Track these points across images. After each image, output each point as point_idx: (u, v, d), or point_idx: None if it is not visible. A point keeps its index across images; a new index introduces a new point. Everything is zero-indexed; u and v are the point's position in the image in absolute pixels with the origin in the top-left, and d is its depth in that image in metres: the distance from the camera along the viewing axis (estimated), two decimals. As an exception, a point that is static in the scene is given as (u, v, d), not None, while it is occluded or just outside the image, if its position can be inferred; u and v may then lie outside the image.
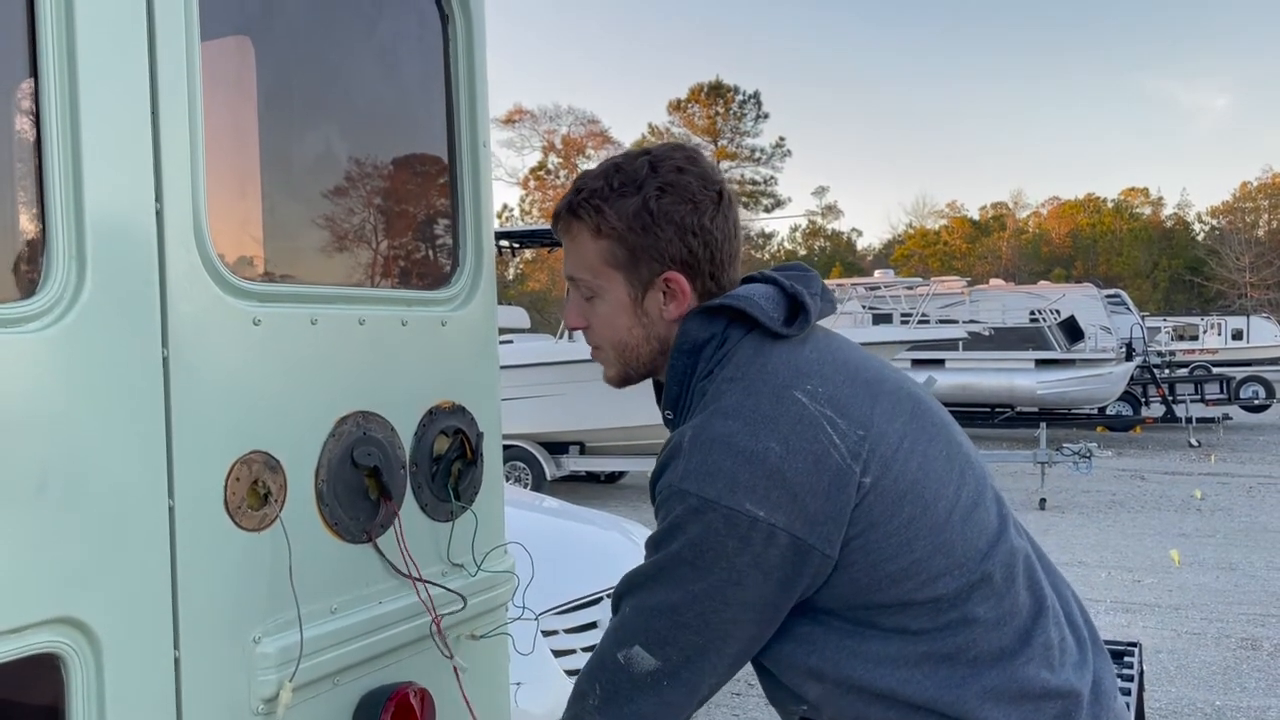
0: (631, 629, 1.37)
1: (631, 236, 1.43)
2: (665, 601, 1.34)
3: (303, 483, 1.52)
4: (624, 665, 1.36)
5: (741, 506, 1.30)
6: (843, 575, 1.33)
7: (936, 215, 66.23)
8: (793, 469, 1.31)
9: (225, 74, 1.63)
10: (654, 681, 1.36)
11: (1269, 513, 10.57)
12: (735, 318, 1.43)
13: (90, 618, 1.23)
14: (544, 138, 51.06)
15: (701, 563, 1.31)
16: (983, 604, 1.36)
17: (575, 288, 1.52)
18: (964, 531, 1.37)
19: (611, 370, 1.56)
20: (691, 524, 1.31)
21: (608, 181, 1.45)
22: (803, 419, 1.33)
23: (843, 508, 1.31)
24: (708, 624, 1.33)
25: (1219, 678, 5.61)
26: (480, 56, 1.92)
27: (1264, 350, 29.53)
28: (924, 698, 1.33)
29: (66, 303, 1.22)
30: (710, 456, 1.32)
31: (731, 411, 1.35)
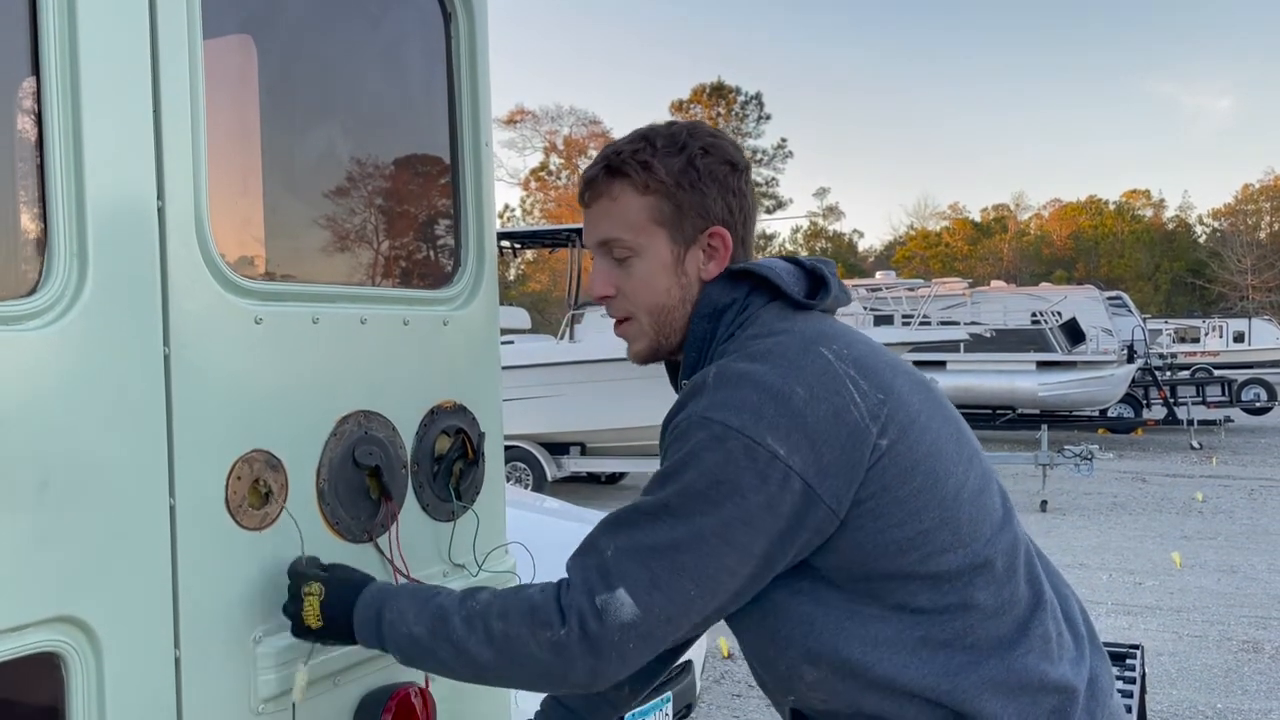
0: (617, 571, 1.29)
1: (679, 192, 1.45)
2: (666, 539, 1.28)
3: (304, 482, 1.51)
4: (599, 611, 1.28)
5: (764, 440, 1.27)
6: (849, 539, 1.32)
7: (938, 217, 66.29)
8: (814, 415, 1.30)
9: (227, 72, 1.63)
10: (622, 638, 1.28)
11: (1270, 515, 10.55)
12: (758, 285, 1.45)
13: (90, 617, 1.23)
14: (545, 138, 51.09)
15: (715, 495, 1.27)
16: (984, 589, 1.36)
17: (606, 252, 1.50)
18: (970, 512, 1.37)
19: (641, 342, 1.52)
20: (710, 451, 1.28)
21: (649, 142, 1.47)
22: (827, 372, 1.34)
23: (856, 465, 1.30)
24: (705, 569, 1.28)
25: (1220, 680, 5.60)
26: (483, 55, 1.92)
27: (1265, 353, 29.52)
28: (921, 685, 1.32)
29: (68, 301, 1.22)
30: (737, 390, 1.31)
31: (758, 355, 1.36)
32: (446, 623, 1.35)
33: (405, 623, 1.37)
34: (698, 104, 50.66)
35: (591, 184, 1.50)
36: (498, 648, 1.32)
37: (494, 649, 1.33)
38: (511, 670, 1.33)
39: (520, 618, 1.32)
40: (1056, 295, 19.65)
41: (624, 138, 1.51)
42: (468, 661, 1.34)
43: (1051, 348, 17.89)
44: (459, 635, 1.34)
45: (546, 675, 1.32)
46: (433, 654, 1.36)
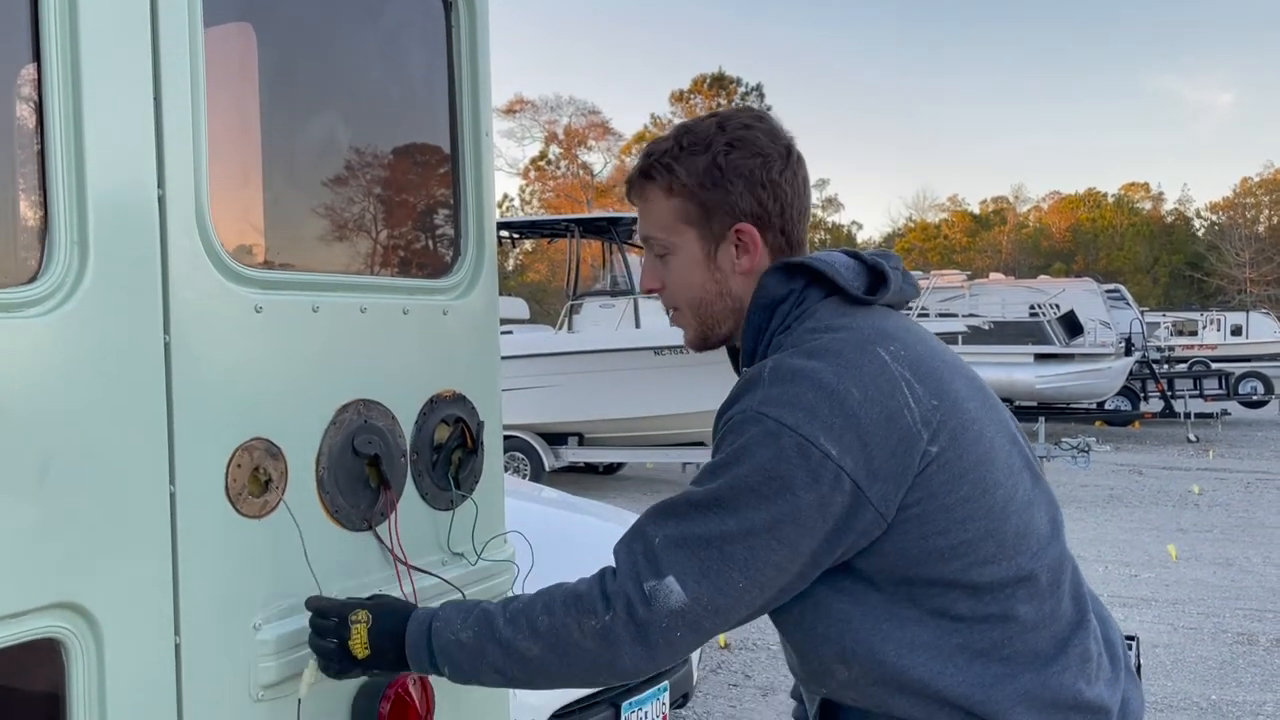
0: (667, 559, 1.30)
1: (702, 192, 1.46)
2: (716, 531, 1.29)
3: (304, 470, 1.52)
4: (647, 597, 1.29)
5: (817, 439, 1.28)
6: (893, 543, 1.31)
7: (937, 209, 66.24)
8: (868, 417, 1.30)
9: (228, 61, 1.63)
10: (670, 625, 1.29)
11: (1266, 508, 10.58)
12: (815, 279, 1.44)
13: (91, 603, 1.24)
14: (545, 128, 50.90)
15: (767, 490, 1.28)
16: (1025, 603, 1.35)
17: (650, 249, 1.54)
18: (1017, 524, 1.37)
19: (690, 333, 1.56)
20: (764, 448, 1.29)
21: (677, 142, 1.48)
22: (883, 374, 1.33)
23: (905, 470, 1.30)
24: (754, 563, 1.29)
25: (1215, 672, 5.63)
26: (483, 44, 1.92)
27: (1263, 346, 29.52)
28: (956, 693, 1.31)
29: (68, 288, 1.22)
30: (792, 387, 1.31)
31: (815, 352, 1.36)
32: (491, 624, 1.36)
33: (452, 630, 1.38)
34: (698, 94, 50.57)
35: (630, 185, 1.55)
36: (545, 641, 1.33)
37: (541, 643, 1.33)
38: (560, 664, 1.33)
39: (565, 608, 1.33)
40: (1055, 288, 19.67)
41: (665, 134, 1.54)
42: (516, 660, 1.35)
43: (1049, 340, 17.91)
44: (505, 634, 1.35)
45: (594, 665, 1.33)
46: (482, 657, 1.37)
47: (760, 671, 5.64)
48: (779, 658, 5.79)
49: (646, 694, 3.81)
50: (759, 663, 5.77)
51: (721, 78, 50.67)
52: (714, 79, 50.69)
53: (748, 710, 5.09)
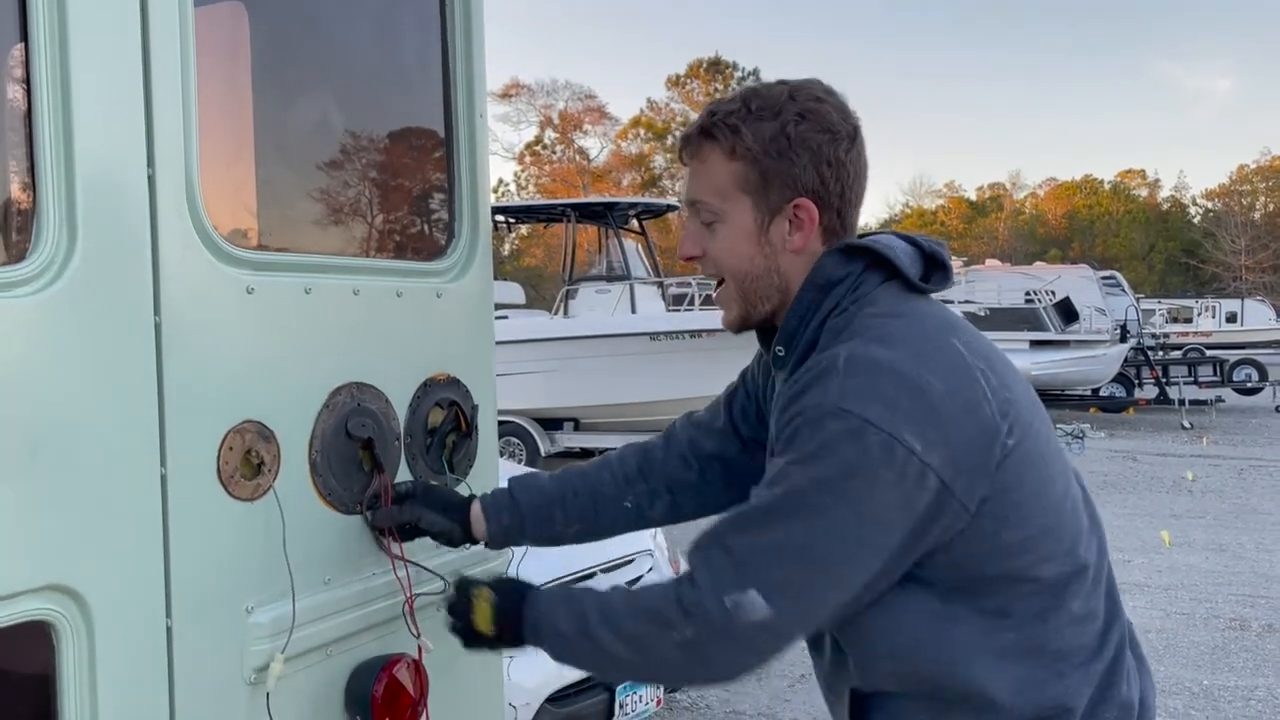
0: (749, 572, 1.24)
1: (766, 160, 1.38)
2: (801, 538, 1.24)
3: (297, 453, 1.51)
4: (729, 613, 1.24)
5: (901, 435, 1.22)
6: (965, 537, 1.28)
7: (934, 195, 66.15)
8: (950, 410, 1.25)
9: (218, 40, 1.62)
10: (754, 636, 1.26)
11: (1259, 495, 10.62)
12: (875, 263, 1.39)
13: (81, 585, 1.23)
14: (540, 112, 50.70)
15: (851, 491, 1.23)
16: (1076, 598, 1.34)
17: (695, 214, 1.46)
18: (1070, 519, 1.36)
19: (732, 310, 1.47)
20: (847, 445, 1.23)
21: (745, 104, 1.40)
22: (960, 365, 1.30)
23: (987, 463, 1.27)
24: (839, 568, 1.25)
25: (1207, 657, 5.65)
26: (478, 27, 1.90)
27: (1258, 333, 29.61)
28: (1001, 689, 1.30)
29: (57, 268, 1.21)
30: (873, 379, 1.25)
31: (889, 339, 1.30)
32: (586, 621, 1.36)
33: (555, 621, 1.39)
34: (695, 79, 50.41)
35: (686, 143, 1.46)
36: (632, 647, 1.33)
37: (629, 648, 1.33)
38: (648, 668, 1.35)
39: (648, 618, 1.32)
40: (1051, 274, 19.68)
41: (729, 96, 1.45)
42: (609, 659, 1.36)
43: (1045, 327, 17.93)
44: (597, 634, 1.35)
45: (681, 673, 1.34)
46: (577, 651, 1.39)
47: (755, 656, 5.66)
48: (773, 642, 5.80)
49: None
50: (753, 647, 5.79)
51: (718, 62, 50.49)
52: (710, 63, 50.52)
53: (742, 694, 5.11)
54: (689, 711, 4.91)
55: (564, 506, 1.66)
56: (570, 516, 1.67)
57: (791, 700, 5.01)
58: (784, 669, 5.39)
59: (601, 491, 1.68)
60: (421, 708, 1.64)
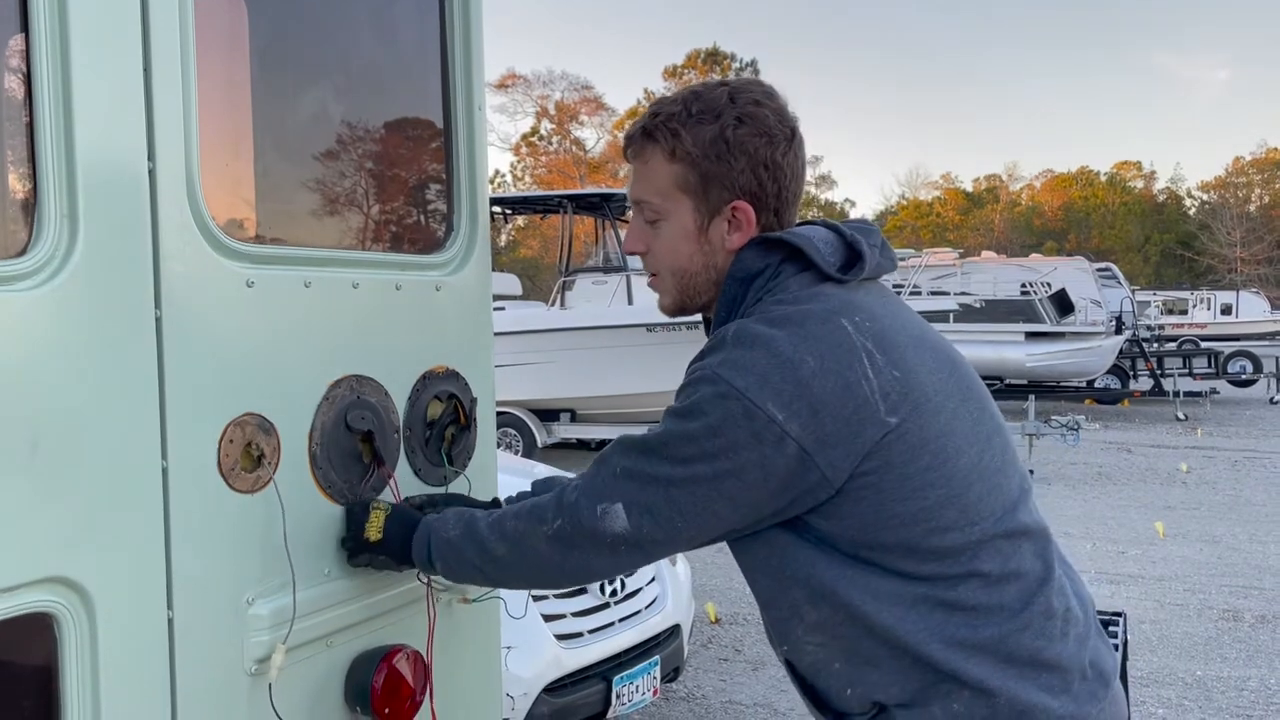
0: (621, 488, 1.39)
1: (705, 163, 1.45)
2: (664, 474, 1.36)
3: (296, 445, 1.52)
4: (598, 517, 1.39)
5: (764, 404, 1.31)
6: (849, 508, 1.34)
7: (930, 187, 66.17)
8: (821, 386, 1.32)
9: (218, 33, 1.61)
10: (614, 543, 1.39)
11: (1253, 487, 10.66)
12: (791, 254, 1.45)
13: (83, 577, 1.24)
14: (537, 103, 50.58)
15: (710, 447, 1.34)
16: (989, 561, 1.37)
17: (639, 212, 1.53)
18: (982, 492, 1.38)
19: (667, 299, 1.57)
20: (714, 408, 1.33)
21: (686, 107, 1.46)
22: (842, 344, 1.35)
23: (859, 438, 1.32)
24: (695, 509, 1.36)
25: (1200, 648, 5.68)
26: (476, 18, 1.90)
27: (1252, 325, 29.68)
28: (916, 639, 1.34)
29: (58, 262, 1.21)
30: (748, 352, 1.35)
31: (777, 320, 1.38)
32: (474, 526, 1.50)
33: (446, 529, 1.52)
34: (692, 69, 50.30)
35: (629, 143, 1.53)
36: (510, 543, 1.46)
37: (507, 544, 1.46)
38: (520, 563, 1.47)
39: (529, 515, 1.46)
40: (1046, 266, 19.68)
41: (673, 95, 1.52)
42: (489, 559, 1.48)
43: (1040, 318, 17.94)
44: (482, 534, 1.49)
45: (546, 566, 1.45)
46: (463, 554, 1.50)
47: (751, 646, 5.68)
48: (769, 633, 5.83)
49: (638, 669, 3.83)
50: (749, 637, 5.81)
51: (716, 53, 50.40)
52: (708, 54, 50.42)
53: (738, 684, 5.13)
54: (685, 702, 4.93)
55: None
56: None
57: (788, 690, 5.03)
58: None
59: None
60: (421, 698, 1.65)
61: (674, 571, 4.30)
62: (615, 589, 3.84)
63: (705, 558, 7.48)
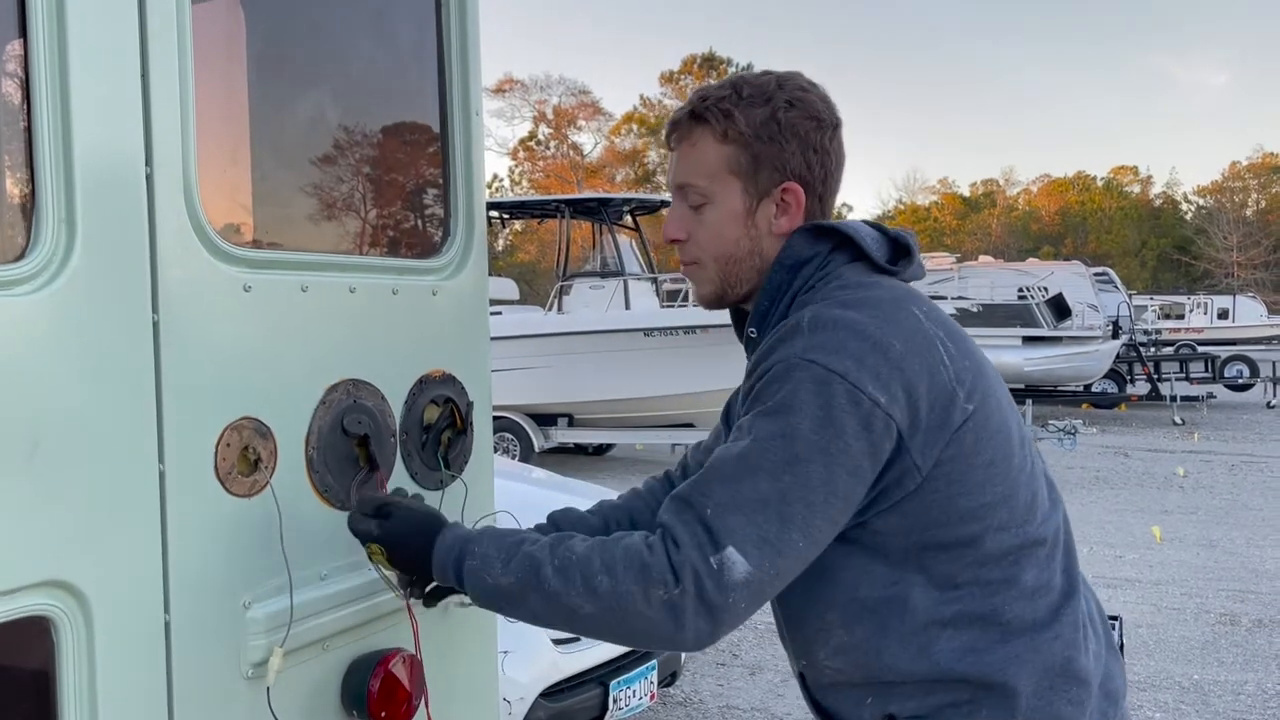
0: (726, 526, 1.23)
1: (757, 144, 1.43)
2: (771, 491, 1.24)
3: (293, 449, 1.52)
4: (717, 571, 1.23)
5: (865, 387, 1.26)
6: (919, 501, 1.31)
7: (927, 191, 66.25)
8: (910, 369, 1.29)
9: (216, 38, 1.62)
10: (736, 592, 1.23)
11: (1250, 491, 10.66)
12: (841, 243, 1.43)
13: (80, 581, 1.24)
14: (534, 108, 50.62)
15: (821, 440, 1.24)
16: (1029, 570, 1.36)
17: (682, 197, 1.49)
18: (1026, 494, 1.38)
19: (707, 288, 1.51)
20: (815, 395, 1.25)
21: (736, 90, 1.45)
22: (919, 331, 1.34)
23: (944, 425, 1.30)
24: (812, 520, 1.25)
25: (1197, 652, 5.68)
26: (473, 23, 1.90)
27: (1249, 329, 29.71)
28: (945, 660, 1.32)
29: (56, 266, 1.21)
30: (836, 334, 1.29)
31: (852, 304, 1.34)
32: (538, 573, 1.30)
33: (491, 573, 1.33)
34: (689, 74, 50.36)
35: (676, 127, 1.50)
36: (603, 603, 1.27)
37: (598, 603, 1.27)
38: (614, 625, 1.29)
39: (630, 574, 1.26)
40: (1043, 271, 19.71)
41: (717, 83, 1.50)
42: (563, 613, 1.30)
43: (1037, 323, 17.96)
44: (553, 587, 1.29)
45: (652, 634, 1.27)
46: (521, 604, 1.32)
47: (748, 650, 5.68)
48: (766, 637, 5.82)
49: (635, 673, 3.83)
50: (746, 642, 5.80)
51: (712, 58, 50.47)
52: (704, 59, 50.49)
53: (735, 689, 5.13)
54: (683, 706, 4.92)
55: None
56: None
57: (785, 695, 5.03)
58: (777, 663, 5.42)
59: (639, 522, 1.69)
60: (417, 702, 1.65)
61: (671, 576, 4.29)
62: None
63: (703, 562, 7.47)
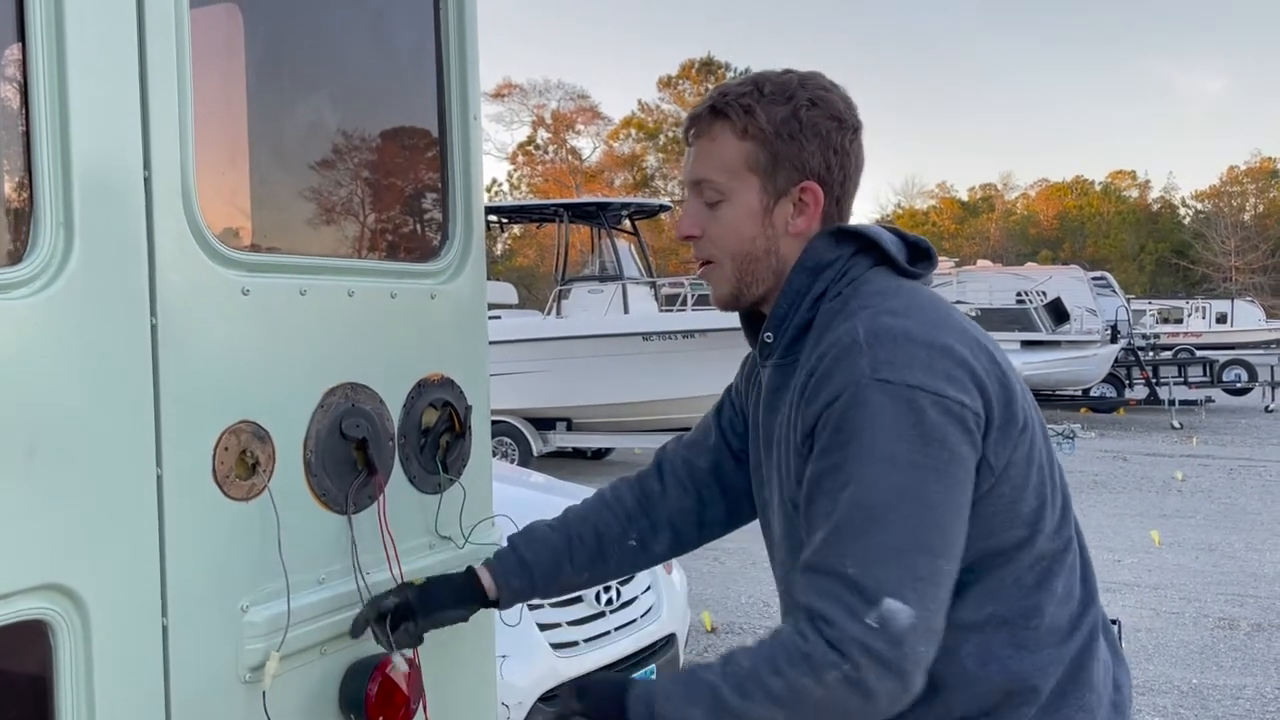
0: (875, 581, 1.19)
1: (778, 142, 1.40)
2: (903, 527, 1.20)
3: (291, 453, 1.52)
4: (878, 630, 1.19)
5: (946, 391, 1.22)
6: (988, 505, 1.28)
7: (926, 196, 66.32)
8: (977, 368, 1.27)
9: (214, 42, 1.62)
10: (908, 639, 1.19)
11: (1248, 495, 10.67)
12: (864, 247, 1.41)
13: (78, 585, 1.24)
14: (533, 112, 50.68)
15: (925, 459, 1.20)
16: (1059, 577, 1.35)
17: (698, 193, 1.46)
18: (1059, 501, 1.37)
19: (724, 288, 1.47)
20: (901, 416, 1.21)
21: (758, 87, 1.42)
22: (968, 331, 1.32)
23: (1011, 423, 1.28)
24: (951, 542, 1.21)
25: (1196, 656, 5.68)
26: (472, 27, 1.91)
27: (1247, 334, 29.74)
28: (971, 661, 1.31)
29: (54, 270, 1.21)
30: (900, 346, 1.25)
31: (901, 311, 1.31)
32: (718, 696, 1.27)
33: (678, 709, 1.29)
34: (686, 79, 50.43)
35: (695, 121, 1.47)
36: (785, 705, 1.24)
37: (782, 708, 1.24)
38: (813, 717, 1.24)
39: (797, 669, 1.23)
40: (1042, 275, 19.75)
41: (737, 79, 1.47)
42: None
43: (1036, 327, 17.99)
44: (737, 705, 1.25)
45: (849, 712, 1.23)
46: None
47: (746, 655, 5.67)
48: (765, 642, 5.81)
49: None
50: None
51: (710, 63, 50.54)
52: (702, 64, 50.56)
53: (734, 694, 5.12)
54: (681, 711, 4.92)
55: (572, 558, 1.65)
56: (579, 566, 1.65)
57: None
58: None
59: (606, 535, 1.66)
60: (415, 706, 1.65)
61: (669, 580, 4.29)
62: (610, 597, 3.83)
63: (701, 567, 7.46)
